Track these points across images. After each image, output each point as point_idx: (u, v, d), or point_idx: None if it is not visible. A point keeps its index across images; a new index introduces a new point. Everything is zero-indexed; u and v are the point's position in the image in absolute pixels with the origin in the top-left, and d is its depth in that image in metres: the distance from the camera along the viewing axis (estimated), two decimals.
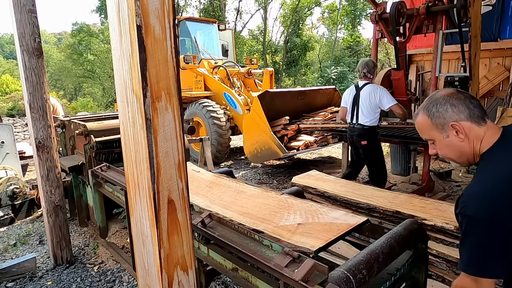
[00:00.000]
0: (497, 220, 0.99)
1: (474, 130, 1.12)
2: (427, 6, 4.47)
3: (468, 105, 1.12)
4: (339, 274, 1.38)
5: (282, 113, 6.04)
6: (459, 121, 1.12)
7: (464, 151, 1.16)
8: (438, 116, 1.15)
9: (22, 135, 11.75)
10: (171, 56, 1.11)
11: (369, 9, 22.81)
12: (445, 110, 1.14)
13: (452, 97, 1.14)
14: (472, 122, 1.12)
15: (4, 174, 4.27)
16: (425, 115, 1.18)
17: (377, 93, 3.72)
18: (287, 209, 2.02)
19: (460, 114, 1.12)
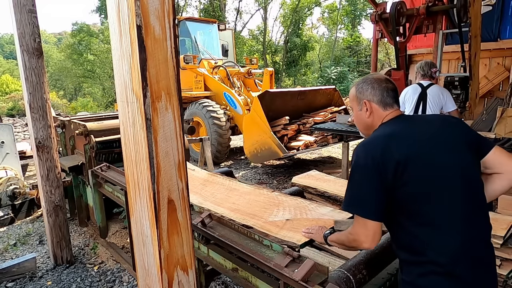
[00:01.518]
0: (370, 167, 1.20)
1: (379, 112, 1.37)
2: (427, 6, 4.47)
3: (384, 93, 1.37)
4: (339, 274, 1.38)
5: (282, 113, 6.04)
6: (371, 102, 1.38)
7: (368, 125, 1.41)
8: (360, 91, 1.41)
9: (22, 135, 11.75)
10: (171, 56, 1.11)
11: (369, 9, 22.81)
12: (366, 89, 1.40)
13: (377, 82, 1.39)
14: (379, 105, 1.37)
15: (4, 174, 4.27)
16: (355, 87, 1.45)
17: (444, 95, 3.72)
18: (277, 206, 2.08)
19: (374, 97, 1.38)
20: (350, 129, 5.03)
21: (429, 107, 3.74)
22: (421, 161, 1.19)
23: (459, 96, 4.38)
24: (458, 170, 1.21)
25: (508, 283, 2.19)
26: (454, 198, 1.18)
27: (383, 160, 1.19)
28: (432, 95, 3.73)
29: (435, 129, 1.28)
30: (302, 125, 6.27)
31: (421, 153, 1.20)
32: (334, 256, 2.95)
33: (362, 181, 1.22)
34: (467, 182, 1.21)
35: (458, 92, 4.38)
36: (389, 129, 1.30)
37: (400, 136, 1.25)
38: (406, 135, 1.26)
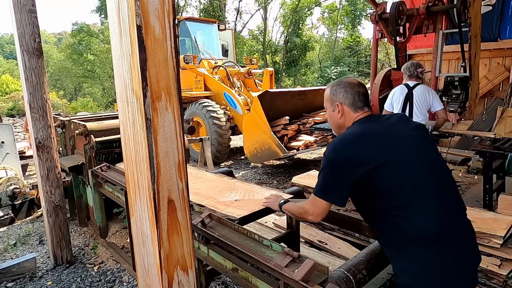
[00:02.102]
0: (341, 163, 1.36)
1: (349, 114, 1.51)
2: (427, 6, 4.47)
3: (355, 97, 1.50)
4: (339, 274, 1.38)
5: (282, 113, 6.04)
6: (343, 104, 1.52)
7: (339, 125, 1.57)
8: (334, 93, 1.54)
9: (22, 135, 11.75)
10: (171, 56, 1.11)
11: (369, 9, 22.81)
12: (339, 92, 1.53)
13: (349, 86, 1.52)
14: (350, 108, 1.51)
15: (4, 174, 4.27)
16: (329, 89, 1.57)
17: (430, 94, 3.77)
18: (231, 190, 2.38)
19: (346, 100, 1.51)
20: None
21: (415, 107, 3.76)
22: (392, 154, 1.34)
23: (459, 96, 4.38)
24: (424, 158, 1.38)
25: (508, 283, 2.19)
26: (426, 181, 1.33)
27: (356, 154, 1.34)
28: (418, 95, 3.76)
29: (398, 126, 1.47)
30: (302, 125, 6.27)
31: (391, 147, 1.35)
32: (334, 256, 2.95)
33: (332, 174, 1.39)
34: (433, 167, 1.37)
35: (458, 92, 4.38)
36: (361, 127, 1.45)
37: (371, 133, 1.41)
38: (377, 132, 1.42)
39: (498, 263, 2.25)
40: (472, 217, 2.56)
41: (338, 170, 1.37)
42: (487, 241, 2.33)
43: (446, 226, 1.29)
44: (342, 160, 1.36)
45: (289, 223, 2.48)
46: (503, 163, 3.70)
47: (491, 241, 2.32)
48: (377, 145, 1.35)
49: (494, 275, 2.20)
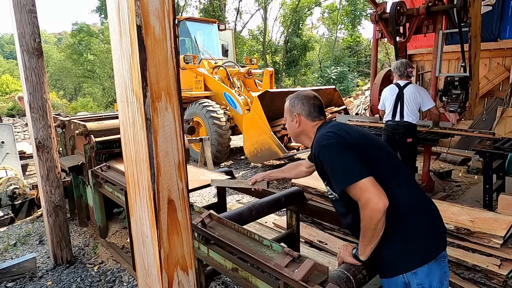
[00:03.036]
0: (341, 142, 1.44)
1: (307, 123, 1.66)
2: (427, 6, 4.47)
3: (311, 108, 1.65)
4: (339, 274, 1.38)
5: (282, 113, 6.01)
6: (300, 115, 1.66)
7: (297, 133, 1.70)
8: (292, 105, 1.69)
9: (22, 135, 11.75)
10: (171, 56, 1.11)
11: (369, 9, 22.81)
12: (297, 104, 1.67)
13: (305, 99, 1.66)
14: (307, 118, 1.65)
15: (4, 174, 4.27)
16: (288, 101, 1.72)
17: (421, 93, 3.80)
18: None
19: (302, 111, 1.65)
20: None
21: (406, 106, 3.79)
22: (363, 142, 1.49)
23: (459, 96, 4.38)
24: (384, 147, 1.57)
25: (508, 283, 2.19)
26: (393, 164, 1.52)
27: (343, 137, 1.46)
28: (409, 94, 3.79)
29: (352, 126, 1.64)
30: None
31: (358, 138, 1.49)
32: (334, 256, 2.96)
33: (341, 156, 1.41)
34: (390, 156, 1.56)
35: (458, 92, 4.38)
36: (327, 126, 1.60)
37: (339, 127, 1.56)
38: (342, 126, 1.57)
39: (498, 263, 2.25)
40: (472, 217, 2.56)
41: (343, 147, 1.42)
42: (487, 241, 2.33)
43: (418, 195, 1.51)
44: (339, 140, 1.44)
45: (289, 223, 2.48)
46: (503, 163, 3.71)
47: (491, 241, 2.32)
48: (352, 134, 1.49)
49: (494, 275, 2.20)
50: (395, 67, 3.94)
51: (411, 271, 1.37)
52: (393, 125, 3.86)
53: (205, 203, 4.60)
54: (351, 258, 1.46)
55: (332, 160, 1.43)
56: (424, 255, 1.39)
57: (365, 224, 1.35)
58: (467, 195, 4.59)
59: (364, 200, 1.32)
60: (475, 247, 2.38)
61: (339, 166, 1.40)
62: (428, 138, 4.16)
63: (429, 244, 1.42)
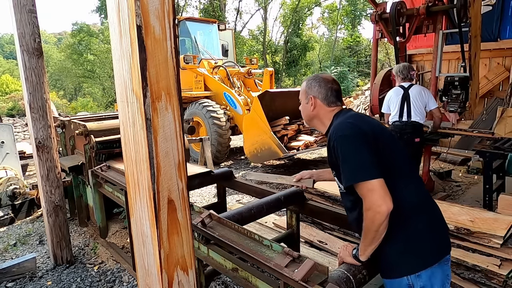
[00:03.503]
0: (359, 134, 1.38)
1: (322, 107, 1.59)
2: (427, 6, 4.47)
3: (328, 91, 1.58)
4: (339, 274, 1.38)
5: (282, 113, 6.04)
6: (316, 98, 1.59)
7: (310, 116, 1.64)
8: (309, 87, 1.61)
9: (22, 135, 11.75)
10: (171, 56, 1.11)
11: (369, 9, 22.81)
12: (314, 86, 1.60)
13: (324, 82, 1.59)
14: (323, 102, 1.59)
15: (4, 174, 4.27)
16: (305, 82, 1.64)
17: (426, 93, 3.87)
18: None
19: (319, 94, 1.59)
20: None
21: (413, 106, 3.85)
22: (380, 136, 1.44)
23: (459, 96, 4.38)
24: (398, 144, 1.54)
25: (508, 283, 2.19)
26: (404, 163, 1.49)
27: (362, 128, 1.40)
28: (415, 94, 3.85)
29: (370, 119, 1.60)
30: (302, 125, 6.27)
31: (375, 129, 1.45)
32: (334, 256, 2.96)
33: (357, 150, 1.36)
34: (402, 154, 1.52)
35: (458, 92, 4.38)
36: (347, 115, 1.54)
37: (358, 117, 1.51)
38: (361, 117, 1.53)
39: (498, 263, 2.24)
40: (472, 217, 2.56)
41: (360, 140, 1.37)
42: (487, 241, 2.33)
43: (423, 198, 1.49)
44: (357, 132, 1.39)
45: (289, 223, 2.48)
46: (503, 163, 3.71)
47: (491, 241, 2.32)
48: (370, 127, 1.44)
49: (494, 275, 2.20)
50: (398, 71, 4.00)
51: (415, 273, 1.36)
52: (400, 125, 3.89)
53: (205, 203, 4.60)
54: (351, 258, 1.46)
55: (346, 152, 1.37)
56: (428, 258, 1.38)
57: (367, 225, 1.33)
58: (467, 195, 4.59)
59: (369, 201, 1.30)
60: (475, 247, 2.38)
61: (352, 160, 1.35)
62: (428, 138, 4.17)
63: (434, 247, 1.41)
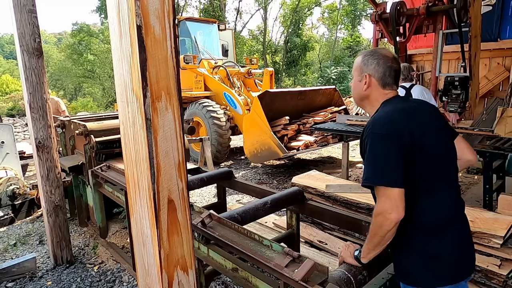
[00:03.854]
0: (394, 136, 1.27)
1: (377, 88, 1.43)
2: (427, 6, 4.47)
3: (386, 72, 1.41)
4: (339, 274, 1.38)
5: (282, 113, 6.04)
6: (372, 77, 1.42)
7: (362, 96, 1.48)
8: (365, 63, 1.45)
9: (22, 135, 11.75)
10: (171, 56, 1.11)
11: (369, 9, 22.81)
12: (370, 63, 1.43)
13: (383, 59, 1.42)
14: (379, 83, 1.42)
15: (4, 174, 4.26)
16: (361, 57, 1.48)
17: (428, 93, 3.91)
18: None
19: (376, 73, 1.42)
20: (350, 129, 5.03)
21: None
22: (425, 138, 1.31)
23: (459, 96, 4.39)
24: (447, 147, 1.40)
25: (508, 283, 2.19)
26: (446, 170, 1.36)
27: (402, 131, 1.28)
28: (417, 94, 3.91)
29: (425, 112, 1.42)
30: (302, 125, 6.27)
31: (424, 131, 1.32)
32: (334, 256, 2.96)
33: (384, 152, 1.27)
34: (450, 158, 1.40)
35: (458, 92, 4.38)
36: (396, 106, 1.38)
37: (408, 114, 1.35)
38: (412, 115, 1.36)
39: (498, 263, 2.24)
40: (472, 217, 2.56)
41: (392, 144, 1.26)
42: (487, 241, 2.33)
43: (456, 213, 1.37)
44: (393, 133, 1.27)
45: (289, 223, 2.48)
46: (503, 163, 3.71)
47: (491, 241, 2.32)
48: (416, 127, 1.31)
49: (494, 275, 2.20)
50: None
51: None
52: None
53: (205, 203, 4.60)
54: (352, 259, 1.43)
55: (373, 151, 1.29)
56: (448, 277, 1.32)
57: (374, 229, 1.30)
58: (467, 195, 4.59)
59: (382, 206, 1.25)
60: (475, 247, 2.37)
61: (376, 161, 1.28)
62: None
63: (457, 268, 1.34)
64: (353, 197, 3.02)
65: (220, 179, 2.98)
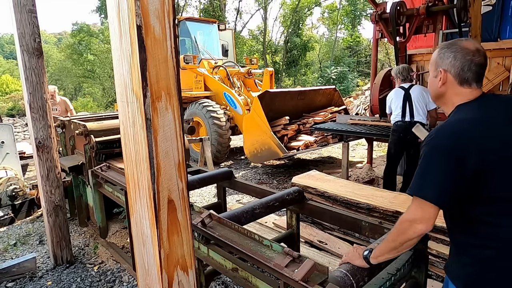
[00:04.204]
0: (451, 151, 1.12)
1: (454, 86, 1.25)
2: (427, 6, 4.47)
3: (465, 67, 1.22)
4: (339, 274, 1.38)
5: (282, 113, 6.04)
6: (448, 72, 1.25)
7: (438, 94, 1.31)
8: (441, 57, 1.27)
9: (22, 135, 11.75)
10: (171, 56, 1.11)
11: (369, 9, 22.81)
12: (447, 57, 1.25)
13: (461, 52, 1.23)
14: (456, 79, 1.24)
15: (4, 174, 4.26)
16: (438, 49, 1.30)
17: (427, 93, 3.88)
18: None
19: (452, 68, 1.24)
20: (350, 129, 5.03)
21: (415, 106, 3.91)
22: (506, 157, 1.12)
23: None
24: None
25: None
26: None
27: (464, 146, 1.11)
28: (417, 95, 3.91)
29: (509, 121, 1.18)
30: (302, 125, 6.28)
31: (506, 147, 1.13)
32: (334, 256, 2.96)
33: (434, 165, 1.15)
34: None
35: None
36: (470, 113, 1.19)
37: (483, 123, 1.15)
38: (492, 123, 1.15)
39: None
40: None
41: (446, 159, 1.12)
42: None
43: None
44: (451, 148, 1.12)
45: (289, 223, 2.48)
46: None
47: None
48: (495, 141, 1.12)
49: None
50: (398, 72, 4.05)
51: None
52: (403, 125, 3.91)
53: (205, 203, 4.60)
54: (360, 260, 1.38)
55: (424, 162, 1.18)
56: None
57: (394, 234, 1.23)
58: None
59: (412, 214, 1.17)
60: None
61: (424, 173, 1.17)
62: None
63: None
64: (353, 197, 3.02)
65: (220, 179, 2.98)
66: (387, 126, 4.55)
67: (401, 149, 4.10)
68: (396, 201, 2.88)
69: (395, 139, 4.01)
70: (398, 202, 2.86)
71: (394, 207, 2.75)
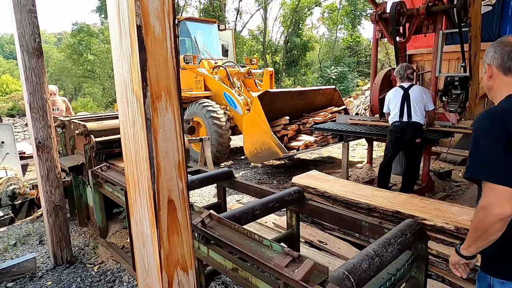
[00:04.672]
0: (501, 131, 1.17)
1: (499, 77, 1.32)
2: (427, 6, 4.46)
3: (504, 56, 1.30)
4: (339, 274, 1.38)
5: (282, 113, 6.04)
6: (491, 65, 1.34)
7: (488, 88, 1.40)
8: (486, 54, 1.38)
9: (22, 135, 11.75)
10: (171, 56, 1.11)
11: (369, 9, 22.81)
12: (489, 52, 1.36)
13: (500, 45, 1.33)
14: (499, 70, 1.32)
15: (4, 174, 4.27)
16: (488, 48, 1.38)
17: (426, 94, 3.93)
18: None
19: (494, 61, 1.33)
20: (350, 129, 5.03)
21: (413, 107, 3.91)
22: None
23: (459, 96, 4.38)
24: None
25: None
26: None
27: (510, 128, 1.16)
28: (416, 95, 3.92)
29: None
30: (302, 125, 6.28)
31: None
32: (334, 256, 2.96)
33: (489, 146, 1.18)
34: None
35: (458, 92, 4.38)
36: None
37: None
38: None
39: None
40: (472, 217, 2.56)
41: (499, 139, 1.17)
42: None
43: None
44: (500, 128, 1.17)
45: (289, 223, 2.48)
46: None
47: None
48: None
49: None
50: (396, 71, 4.13)
51: (501, 279, 1.27)
52: (401, 125, 3.92)
53: (205, 203, 4.60)
54: (454, 256, 1.39)
55: (477, 145, 1.22)
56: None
57: (475, 223, 1.24)
58: (467, 195, 4.59)
59: (485, 200, 1.18)
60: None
61: (481, 155, 1.20)
62: (429, 138, 4.17)
63: None
64: (353, 197, 3.02)
65: (220, 179, 2.98)
66: (387, 126, 4.54)
67: (398, 149, 4.12)
68: (396, 201, 2.88)
69: (392, 139, 4.03)
70: (398, 202, 2.86)
71: (394, 207, 2.75)
